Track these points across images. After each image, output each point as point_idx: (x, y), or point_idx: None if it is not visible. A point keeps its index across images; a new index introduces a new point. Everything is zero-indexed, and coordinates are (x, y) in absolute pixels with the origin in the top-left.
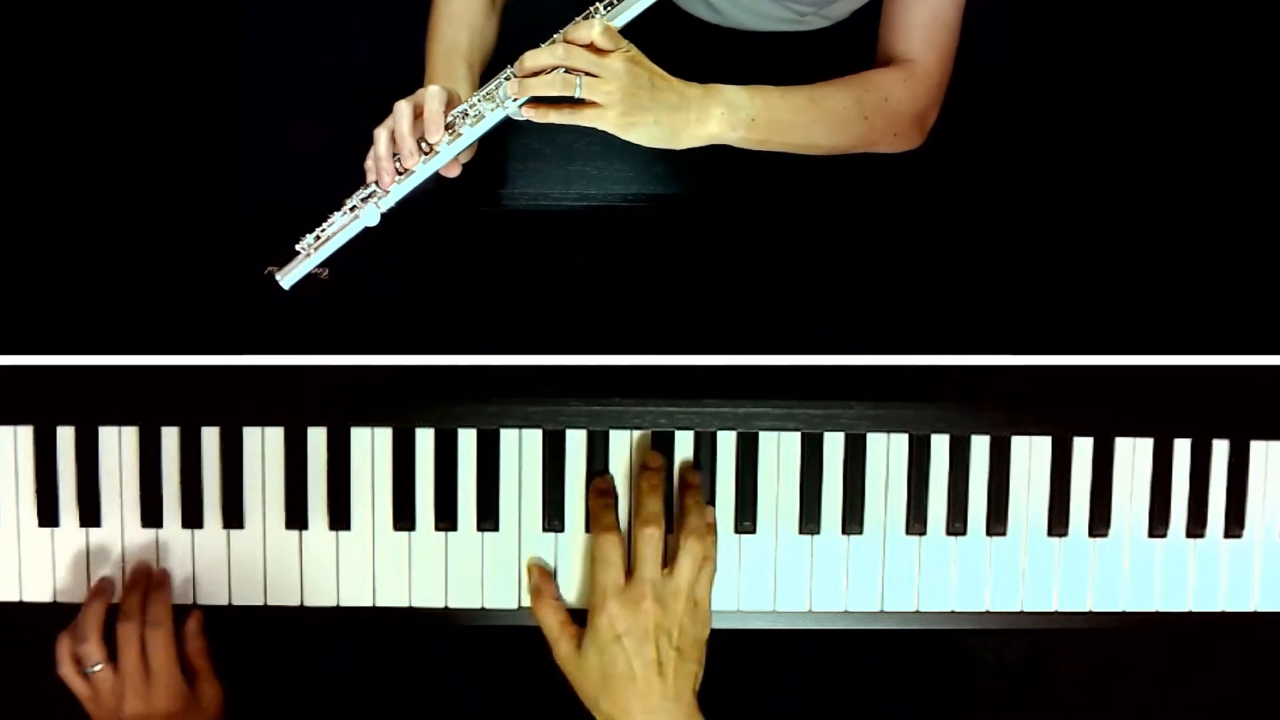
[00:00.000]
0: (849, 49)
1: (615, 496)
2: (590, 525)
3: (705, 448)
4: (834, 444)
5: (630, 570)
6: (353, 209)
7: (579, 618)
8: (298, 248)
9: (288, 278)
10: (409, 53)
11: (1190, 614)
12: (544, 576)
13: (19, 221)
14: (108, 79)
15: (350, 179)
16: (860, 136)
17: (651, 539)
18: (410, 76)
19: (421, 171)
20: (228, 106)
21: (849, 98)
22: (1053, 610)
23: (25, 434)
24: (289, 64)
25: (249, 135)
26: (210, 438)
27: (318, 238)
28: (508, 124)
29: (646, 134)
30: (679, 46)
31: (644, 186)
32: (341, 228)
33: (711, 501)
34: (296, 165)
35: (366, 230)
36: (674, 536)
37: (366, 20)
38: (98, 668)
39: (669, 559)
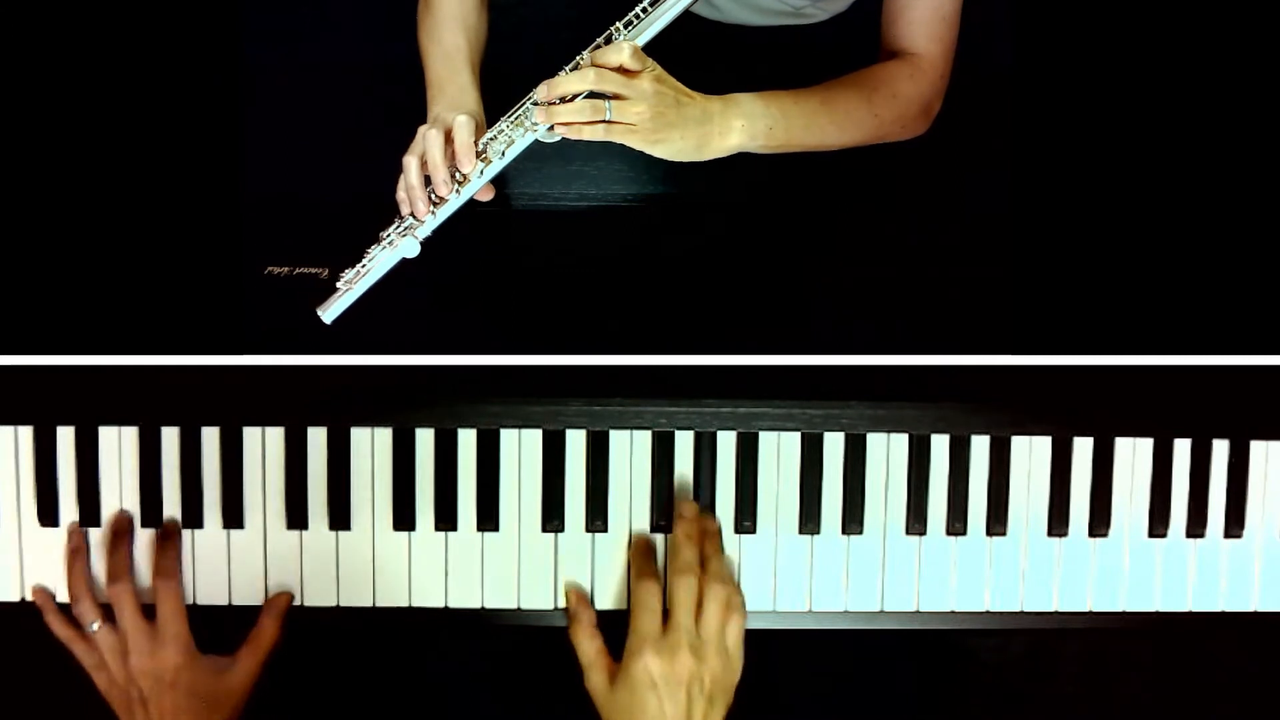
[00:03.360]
0: (849, 42)
1: (654, 552)
2: (631, 572)
3: (705, 448)
4: (834, 444)
5: (666, 617)
6: (390, 242)
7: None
8: (338, 284)
9: (329, 312)
10: (408, 53)
11: (1190, 614)
12: (582, 602)
13: (19, 221)
14: (108, 79)
15: (350, 178)
16: (871, 132)
17: (688, 587)
18: (410, 76)
19: (455, 201)
20: (228, 106)
21: (859, 96)
22: (1053, 610)
23: (25, 434)
24: (289, 64)
25: (249, 135)
26: (210, 438)
27: (358, 272)
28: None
29: (674, 149)
30: (679, 45)
31: (644, 186)
32: (380, 261)
33: (712, 501)
34: (297, 165)
35: (357, 215)
36: (699, 583)
37: (366, 20)
38: (95, 626)
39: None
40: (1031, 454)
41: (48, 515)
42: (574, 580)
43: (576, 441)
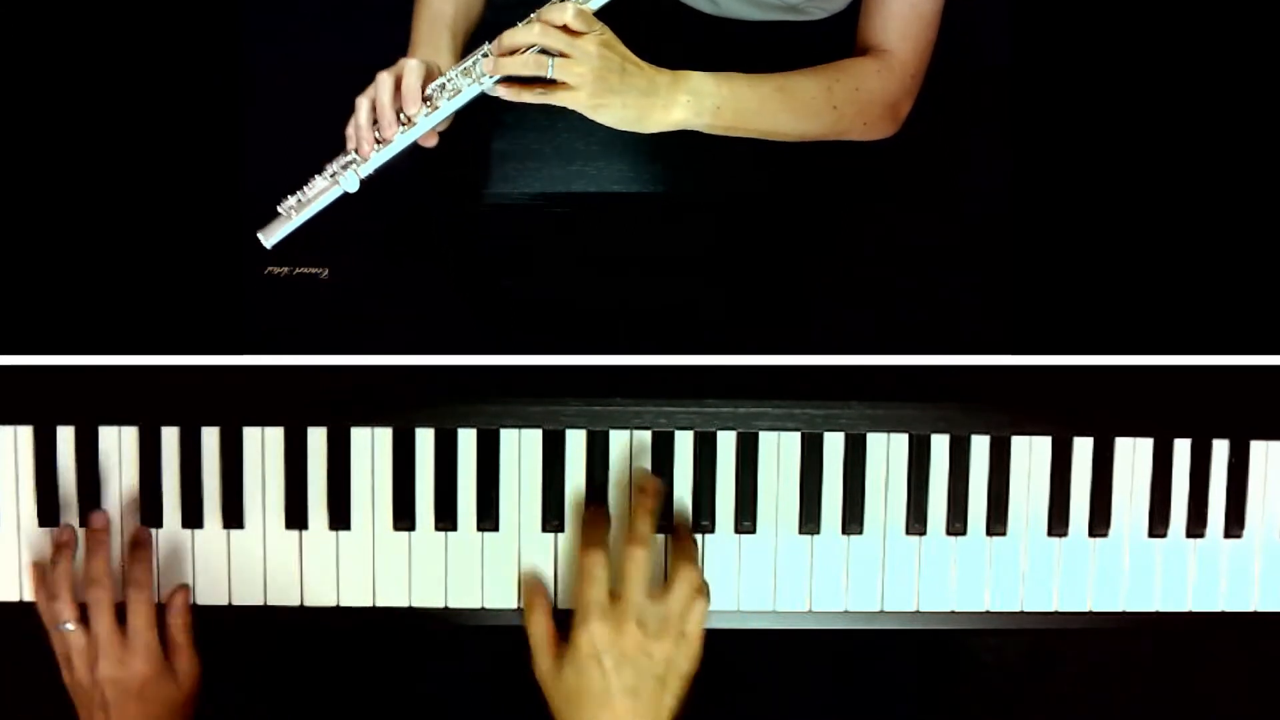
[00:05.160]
0: (847, 41)
1: (609, 521)
2: (581, 540)
3: (705, 448)
4: (834, 444)
5: (615, 590)
6: (333, 175)
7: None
8: (279, 209)
9: (270, 238)
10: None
11: (1190, 614)
12: (539, 588)
13: (19, 221)
14: (107, 79)
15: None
16: (830, 125)
17: (638, 560)
18: None
19: (400, 141)
20: (228, 106)
21: (819, 87)
22: (1053, 610)
23: (25, 434)
24: (289, 64)
25: (249, 135)
26: (210, 438)
27: (299, 201)
28: (508, 125)
29: (615, 116)
30: (677, 38)
31: (644, 186)
32: (321, 192)
33: (712, 501)
34: (296, 165)
35: (357, 214)
36: (669, 563)
37: (366, 20)
38: (69, 626)
39: (664, 585)
40: (1031, 454)
41: (48, 515)
42: (535, 567)
43: (576, 441)
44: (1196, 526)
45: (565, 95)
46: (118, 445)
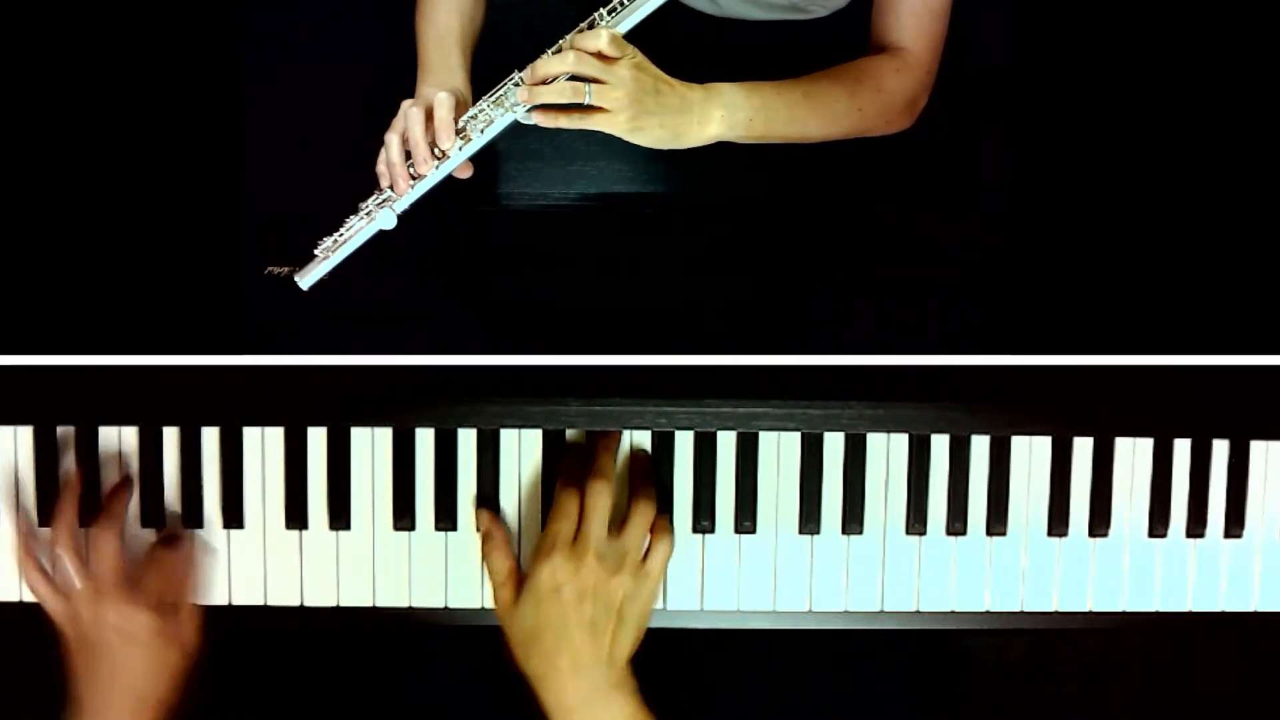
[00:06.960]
0: (849, 38)
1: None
2: (560, 478)
3: (705, 448)
4: (834, 444)
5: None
6: (368, 213)
7: None
8: (316, 251)
9: (306, 279)
10: (408, 54)
11: (1190, 614)
12: (495, 521)
13: (19, 221)
14: (107, 80)
15: (350, 179)
16: (853, 126)
17: (600, 493)
18: (409, 77)
19: (434, 176)
20: (227, 107)
21: (843, 90)
22: (1053, 610)
23: (25, 434)
24: (289, 65)
25: (249, 136)
26: (210, 438)
27: (335, 241)
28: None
29: (652, 137)
30: (678, 40)
31: (644, 186)
32: (357, 231)
33: (712, 501)
34: (296, 166)
35: (381, 232)
36: (631, 503)
37: (366, 20)
38: (65, 558)
39: (622, 523)
40: (1031, 454)
41: (48, 515)
42: (486, 508)
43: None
44: (1196, 526)
45: (602, 120)
46: (118, 445)
